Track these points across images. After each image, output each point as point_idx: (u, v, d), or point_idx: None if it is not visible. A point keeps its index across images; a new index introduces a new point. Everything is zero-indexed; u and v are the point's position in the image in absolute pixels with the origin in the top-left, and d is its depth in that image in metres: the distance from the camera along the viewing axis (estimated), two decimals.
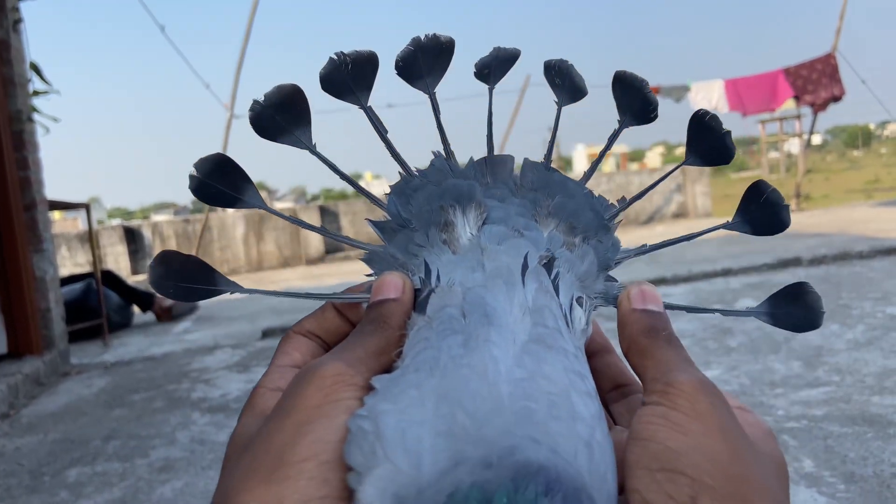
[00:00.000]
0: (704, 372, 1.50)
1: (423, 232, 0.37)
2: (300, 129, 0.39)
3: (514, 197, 0.39)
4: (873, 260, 5.26)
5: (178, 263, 0.36)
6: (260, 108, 0.39)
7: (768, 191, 0.41)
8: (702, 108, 0.41)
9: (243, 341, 4.63)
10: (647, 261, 6.36)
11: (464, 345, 0.30)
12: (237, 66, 9.43)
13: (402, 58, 0.41)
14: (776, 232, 0.41)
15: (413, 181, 0.39)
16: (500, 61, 0.44)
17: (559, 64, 0.45)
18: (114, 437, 2.79)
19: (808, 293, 0.39)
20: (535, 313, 0.32)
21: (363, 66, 0.40)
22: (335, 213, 11.91)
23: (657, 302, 0.35)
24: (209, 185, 0.38)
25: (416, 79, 0.42)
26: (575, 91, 0.45)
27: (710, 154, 0.41)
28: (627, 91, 0.43)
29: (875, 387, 2.44)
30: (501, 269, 0.34)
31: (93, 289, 5.37)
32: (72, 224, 17.24)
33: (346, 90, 0.40)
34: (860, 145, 58.89)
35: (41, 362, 3.91)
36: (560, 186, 0.40)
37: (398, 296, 0.34)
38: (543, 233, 0.37)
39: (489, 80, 0.44)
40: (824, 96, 9.56)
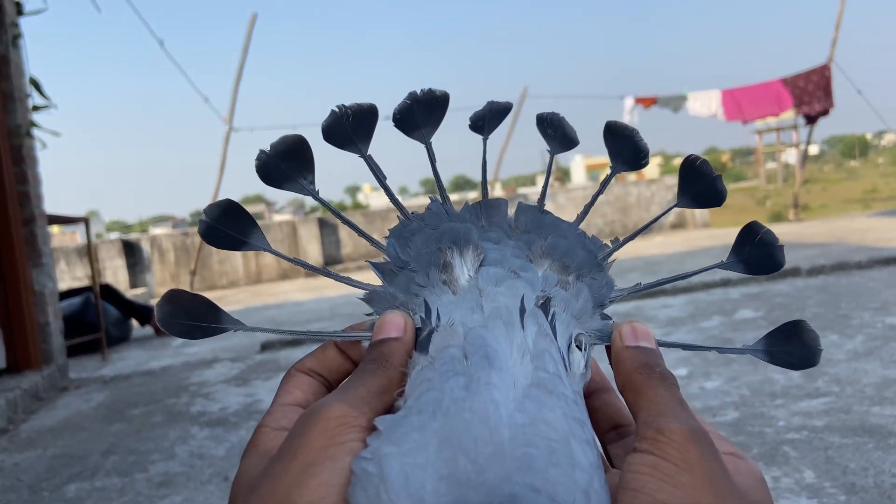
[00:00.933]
0: (704, 384, 1.52)
1: (423, 272, 0.38)
2: (304, 176, 0.41)
3: (508, 239, 0.40)
4: (872, 270, 5.26)
5: (186, 302, 0.37)
6: (266, 157, 0.40)
7: (762, 231, 0.41)
8: (692, 154, 0.43)
9: (242, 354, 4.62)
10: (645, 272, 6.37)
11: (466, 387, 0.30)
12: (235, 80, 9.46)
13: (399, 111, 0.43)
14: (771, 272, 0.41)
15: (411, 225, 0.40)
16: (494, 113, 0.46)
17: (551, 117, 0.47)
18: (113, 452, 2.78)
19: (805, 331, 0.39)
20: (535, 357, 0.32)
21: (363, 117, 0.42)
22: (333, 226, 11.92)
23: (649, 339, 0.35)
24: (218, 229, 0.39)
25: (413, 130, 0.44)
26: (566, 141, 0.47)
27: (701, 197, 0.42)
28: (619, 140, 0.45)
29: (875, 397, 2.44)
30: (500, 311, 0.35)
31: (91, 303, 5.36)
32: (70, 238, 17.24)
33: (347, 141, 0.42)
34: (857, 155, 59.09)
35: (40, 377, 3.90)
36: (553, 228, 0.41)
37: (399, 335, 0.34)
38: (538, 273, 0.38)
39: (483, 131, 0.46)
40: (818, 109, 9.62)
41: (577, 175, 60.66)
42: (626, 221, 12.34)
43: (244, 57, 9.36)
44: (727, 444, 0.34)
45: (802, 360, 0.39)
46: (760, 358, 0.39)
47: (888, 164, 35.31)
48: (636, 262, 7.32)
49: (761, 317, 4.03)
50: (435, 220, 0.40)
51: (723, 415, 2.41)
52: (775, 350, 0.39)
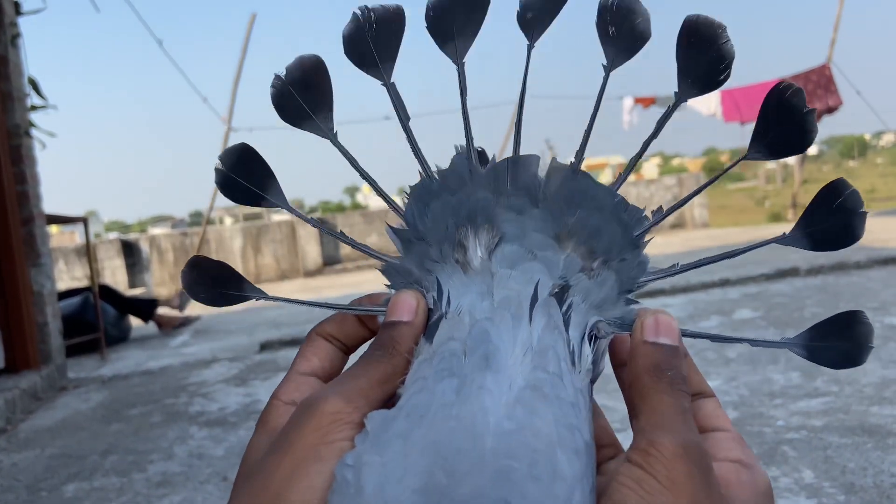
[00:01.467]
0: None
1: (438, 247, 0.36)
2: (321, 113, 0.37)
3: (533, 208, 0.36)
4: (871, 270, 5.27)
5: (210, 268, 0.37)
6: (281, 84, 0.37)
7: (846, 193, 0.35)
8: (783, 81, 0.35)
9: (241, 354, 4.62)
10: None
11: (457, 391, 0.30)
12: (234, 80, 9.46)
13: (433, 5, 0.37)
14: (842, 246, 0.36)
15: (432, 185, 0.37)
16: (548, 2, 0.38)
17: (619, 2, 0.37)
18: (111, 452, 2.77)
19: (862, 324, 0.35)
20: (538, 355, 0.31)
21: (389, 26, 0.37)
22: (333, 226, 11.91)
23: (672, 334, 0.34)
24: (235, 180, 0.37)
25: (447, 39, 0.37)
26: (633, 39, 0.37)
27: (781, 142, 0.35)
28: (696, 46, 0.36)
29: (874, 397, 2.44)
30: (510, 300, 0.33)
31: (90, 303, 5.36)
32: (69, 238, 17.22)
33: (369, 60, 0.37)
34: (856, 155, 59.16)
35: (38, 377, 3.90)
36: (587, 195, 0.36)
37: (411, 318, 0.34)
38: (560, 255, 0.35)
39: (532, 28, 0.38)
40: (820, 108, 9.61)
41: None
42: None
43: (243, 57, 9.36)
44: (738, 450, 0.33)
45: (846, 358, 0.35)
46: (797, 353, 0.35)
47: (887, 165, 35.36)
48: None
49: (760, 317, 4.03)
50: (456, 181, 0.36)
51: None
52: (818, 346, 0.35)
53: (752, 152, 0.36)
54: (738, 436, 0.34)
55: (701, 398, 0.36)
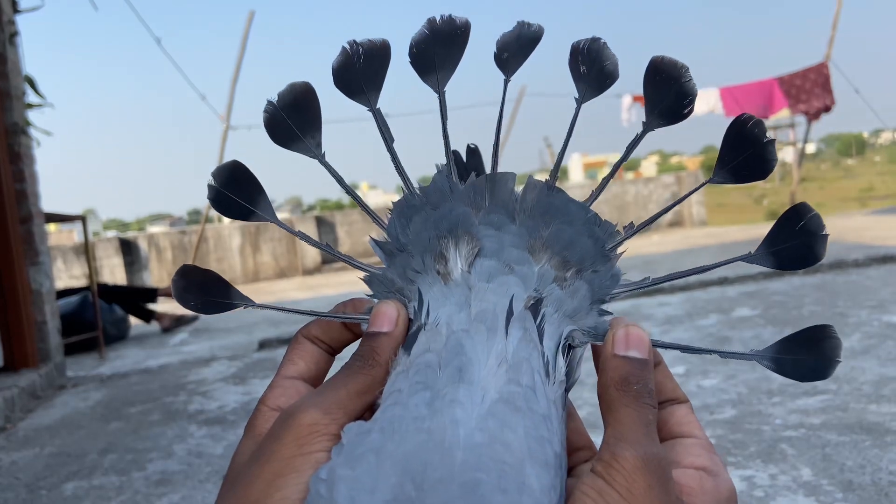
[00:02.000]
0: (702, 382, 1.52)
1: (420, 258, 0.37)
2: (310, 134, 0.39)
3: (510, 223, 0.37)
4: (869, 268, 5.28)
5: (197, 277, 0.38)
6: (273, 109, 0.39)
7: (808, 216, 0.37)
8: (744, 114, 0.38)
9: (240, 353, 4.62)
10: (644, 271, 6.37)
11: (429, 404, 0.30)
12: (233, 78, 9.45)
13: (416, 43, 0.40)
14: (804, 266, 0.37)
15: (414, 200, 0.38)
16: (522, 43, 0.41)
17: (589, 46, 0.40)
18: (110, 451, 2.77)
19: (829, 338, 0.36)
20: (512, 368, 0.32)
21: (375, 58, 0.39)
22: (331, 224, 11.91)
23: (642, 347, 0.34)
24: (227, 196, 0.38)
25: (428, 71, 0.40)
26: (602, 78, 0.40)
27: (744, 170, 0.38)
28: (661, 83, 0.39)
29: (872, 395, 2.45)
30: (487, 313, 0.34)
31: (89, 301, 5.36)
32: (67, 236, 17.21)
33: (356, 89, 0.39)
34: (854, 154, 59.19)
35: (37, 375, 3.90)
36: (561, 211, 0.37)
37: (391, 329, 0.35)
38: (535, 267, 0.36)
39: (507, 67, 0.41)
40: (817, 106, 9.62)
41: (574, 173, 60.67)
42: (624, 220, 12.03)
43: (242, 54, 9.35)
44: (705, 457, 0.34)
45: (812, 372, 0.35)
46: (765, 366, 0.36)
47: (885, 163, 35.40)
48: (634, 260, 7.33)
49: (758, 315, 4.03)
50: (438, 196, 0.38)
51: (720, 412, 2.42)
52: (785, 359, 0.36)
53: (717, 177, 0.39)
54: (707, 443, 0.35)
55: (674, 404, 0.37)
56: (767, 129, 0.37)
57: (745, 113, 0.38)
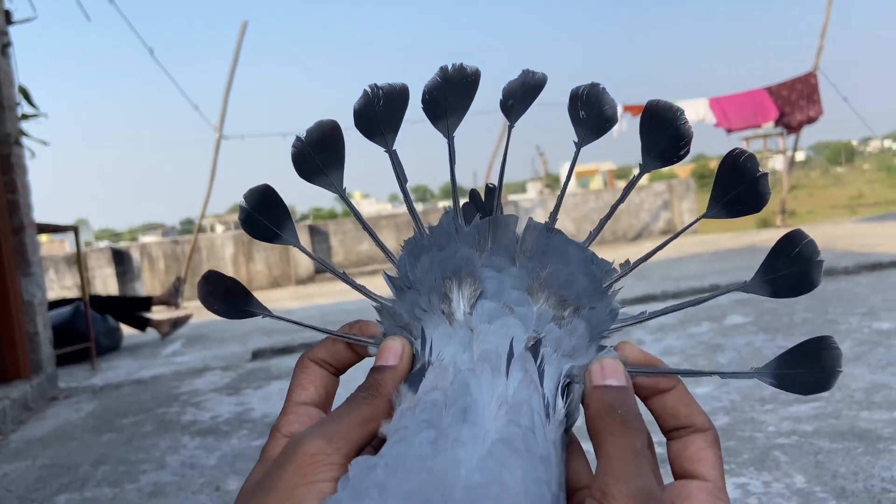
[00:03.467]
0: (694, 389, 1.53)
1: (427, 296, 0.38)
2: (334, 171, 0.42)
3: (511, 265, 0.38)
4: (859, 275, 5.31)
5: (221, 283, 0.40)
6: (301, 144, 0.41)
7: (802, 243, 0.37)
8: (736, 148, 0.39)
9: (233, 363, 4.60)
10: (636, 277, 6.40)
11: (434, 443, 0.31)
12: (226, 88, 9.45)
13: (429, 90, 0.42)
14: (800, 293, 0.37)
15: (423, 240, 0.40)
16: (526, 90, 0.43)
17: (588, 92, 0.41)
18: (103, 462, 2.76)
19: (829, 349, 0.35)
20: (512, 409, 0.33)
21: (394, 101, 0.41)
22: (325, 233, 11.90)
23: (617, 375, 0.35)
24: (256, 218, 0.41)
25: (439, 118, 0.42)
26: (602, 122, 0.41)
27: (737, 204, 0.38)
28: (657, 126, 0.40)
29: (864, 402, 2.46)
30: (490, 354, 0.35)
31: (81, 312, 5.33)
32: (59, 247, 17.12)
33: (376, 131, 0.41)
34: (843, 162, 59.58)
35: (29, 387, 3.87)
36: (559, 251, 0.39)
37: (395, 363, 0.36)
38: (534, 308, 0.37)
39: (511, 113, 0.43)
40: (800, 118, 9.70)
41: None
42: (616, 228, 12.40)
43: (234, 65, 9.36)
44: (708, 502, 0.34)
45: (815, 385, 0.35)
46: (767, 383, 0.36)
47: (874, 171, 35.64)
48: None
49: (751, 322, 4.05)
50: (444, 237, 0.39)
51: (713, 420, 2.42)
52: (787, 374, 0.36)
53: (712, 211, 0.39)
54: (718, 485, 0.35)
55: (692, 433, 0.36)
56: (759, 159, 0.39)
57: (737, 148, 0.38)
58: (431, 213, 12.70)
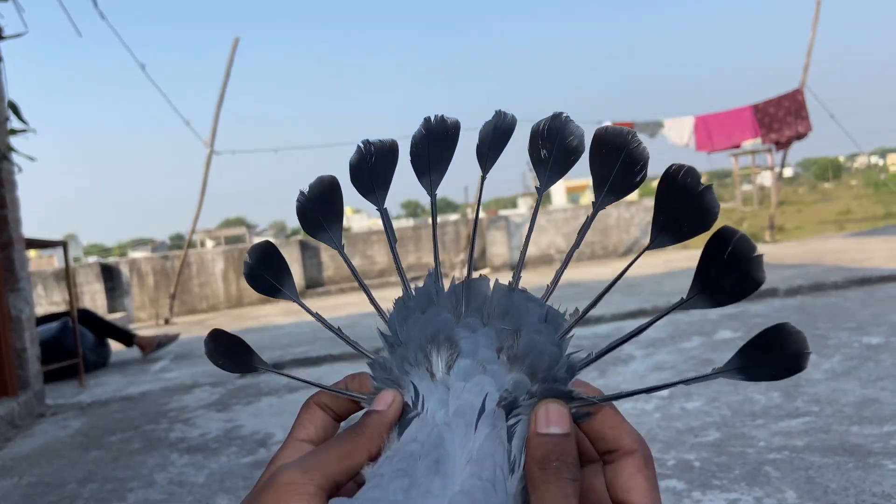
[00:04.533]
0: (685, 404, 1.53)
1: (414, 353, 0.40)
2: (334, 226, 0.45)
3: (482, 326, 0.40)
4: (848, 290, 5.34)
5: (225, 342, 0.43)
6: (304, 199, 0.45)
7: (733, 240, 0.34)
8: (673, 164, 0.35)
9: (222, 379, 4.57)
10: (626, 293, 6.41)
11: (406, 491, 0.34)
12: (217, 103, 9.46)
13: (415, 143, 0.44)
14: (744, 296, 0.34)
15: (409, 302, 0.42)
16: (498, 135, 0.43)
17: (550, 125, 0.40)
18: (90, 480, 2.73)
19: (791, 334, 0.34)
20: (475, 463, 0.35)
21: (385, 157, 0.44)
22: (315, 248, 11.88)
23: (562, 423, 0.35)
24: (260, 274, 0.44)
25: (423, 173, 0.44)
26: (567, 156, 0.40)
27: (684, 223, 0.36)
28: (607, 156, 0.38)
29: (854, 416, 2.47)
30: (464, 409, 0.37)
31: (69, 328, 5.29)
32: (47, 262, 17.00)
33: (368, 188, 0.45)
34: (831, 178, 60.13)
35: (16, 404, 3.83)
36: (520, 309, 0.40)
37: (383, 409, 0.38)
38: (506, 371, 0.39)
39: (486, 161, 0.44)
40: (788, 135, 9.79)
41: (557, 197, 60.92)
42: (607, 243, 12.44)
43: (226, 81, 9.37)
44: None
45: (785, 369, 0.33)
46: (735, 378, 0.35)
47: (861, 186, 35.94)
48: (617, 284, 7.34)
49: (740, 337, 4.06)
50: (425, 300, 0.41)
51: (705, 435, 2.43)
52: (752, 366, 0.34)
53: (655, 240, 0.37)
54: None
55: (620, 456, 0.36)
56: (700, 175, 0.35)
57: (673, 164, 0.35)
58: (423, 229, 12.71)
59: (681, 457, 2.26)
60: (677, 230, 0.36)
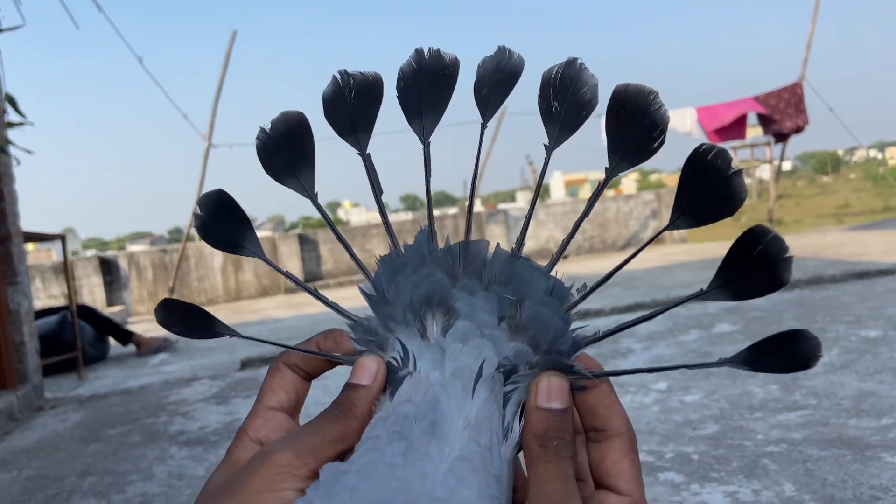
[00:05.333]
0: (684, 397, 1.53)
1: (403, 312, 0.38)
2: (304, 171, 0.39)
3: (481, 289, 0.38)
4: (846, 284, 5.35)
5: (179, 309, 0.39)
6: (266, 137, 0.38)
7: (766, 239, 0.33)
8: (703, 144, 0.34)
9: (221, 372, 4.57)
10: (626, 287, 6.41)
11: (404, 454, 0.33)
12: (215, 96, 9.44)
13: (403, 75, 0.38)
14: (766, 294, 0.34)
15: (399, 259, 0.39)
16: (501, 77, 0.39)
17: (564, 72, 0.37)
18: (90, 473, 2.73)
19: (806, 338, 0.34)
20: (474, 428, 0.34)
21: (367, 94, 0.38)
22: (314, 242, 11.87)
23: (562, 398, 0.35)
24: (215, 225, 0.39)
25: (414, 115, 0.39)
26: (579, 111, 0.37)
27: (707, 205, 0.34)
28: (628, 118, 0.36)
29: (852, 409, 2.47)
30: (462, 371, 0.36)
31: (68, 321, 5.28)
32: (46, 255, 16.99)
33: (346, 128, 0.39)
34: (829, 171, 60.11)
35: (15, 397, 3.83)
36: (523, 278, 0.38)
37: (369, 382, 0.37)
38: (506, 338, 0.37)
39: (486, 106, 0.39)
40: (789, 126, 9.78)
41: (555, 190, 61.00)
42: (605, 237, 12.44)
43: (224, 73, 9.35)
44: None
45: (792, 365, 0.34)
46: (741, 368, 0.35)
47: (860, 180, 35.97)
48: (616, 277, 7.31)
49: (739, 330, 4.07)
50: (417, 258, 0.38)
51: (703, 428, 2.43)
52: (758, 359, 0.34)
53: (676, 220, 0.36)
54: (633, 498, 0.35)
55: (608, 436, 0.36)
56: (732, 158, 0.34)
57: (703, 143, 0.34)
58: (422, 222, 12.67)
59: (679, 450, 2.27)
60: (701, 212, 0.34)
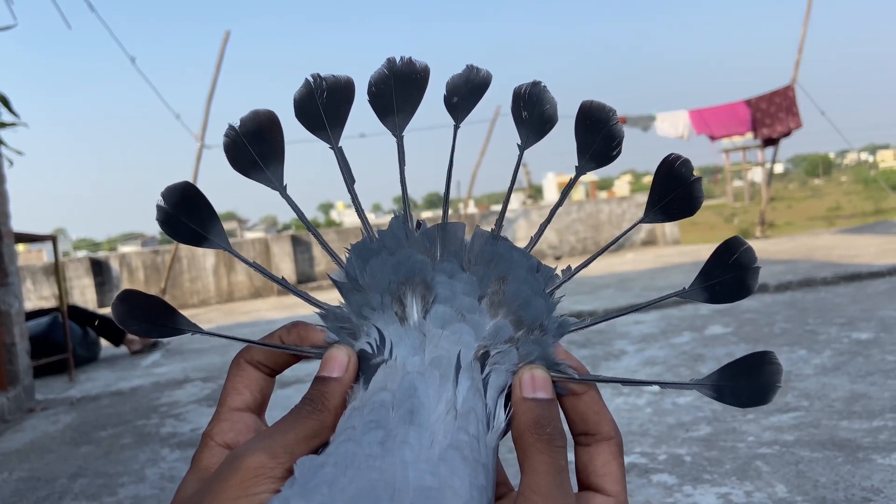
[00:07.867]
0: (676, 399, 1.54)
1: (378, 298, 0.37)
2: (272, 165, 0.39)
3: (462, 272, 0.38)
4: (837, 286, 5.37)
5: (140, 302, 0.37)
6: (234, 134, 0.38)
7: (740, 250, 0.38)
8: (672, 153, 0.39)
9: (213, 374, 4.56)
10: (619, 288, 6.43)
11: (382, 443, 0.32)
12: (208, 97, 9.41)
13: (375, 82, 0.40)
14: (737, 299, 0.38)
15: (372, 244, 0.39)
16: (471, 88, 0.41)
17: (530, 91, 0.41)
18: (81, 475, 2.72)
19: (770, 364, 0.36)
20: (461, 417, 0.34)
21: (338, 94, 0.39)
22: (307, 243, 11.85)
23: (547, 389, 0.35)
24: (178, 219, 0.38)
25: (387, 113, 0.40)
26: (542, 123, 0.41)
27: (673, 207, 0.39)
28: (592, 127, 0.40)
29: (843, 411, 2.48)
30: (441, 360, 0.35)
31: (58, 323, 5.26)
32: (37, 256, 16.91)
33: (318, 124, 0.39)
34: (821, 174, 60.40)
35: (5, 399, 3.81)
36: (504, 259, 0.38)
37: (340, 375, 0.35)
38: (487, 319, 0.37)
39: (457, 112, 0.41)
40: (780, 130, 9.83)
41: (549, 192, 61.14)
42: (598, 238, 12.46)
43: (217, 74, 9.32)
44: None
45: (751, 398, 0.36)
46: (706, 394, 0.37)
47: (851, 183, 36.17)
48: (609, 278, 7.38)
49: (731, 332, 4.08)
50: (394, 242, 0.38)
51: (695, 430, 2.44)
52: (726, 386, 0.36)
53: (648, 216, 0.40)
54: (618, 499, 0.35)
55: (597, 440, 0.36)
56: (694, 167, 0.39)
57: (672, 153, 0.39)
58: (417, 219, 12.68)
59: (672, 451, 2.27)
60: (667, 211, 0.39)
